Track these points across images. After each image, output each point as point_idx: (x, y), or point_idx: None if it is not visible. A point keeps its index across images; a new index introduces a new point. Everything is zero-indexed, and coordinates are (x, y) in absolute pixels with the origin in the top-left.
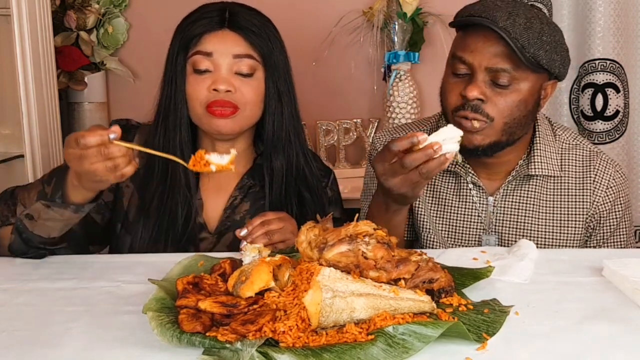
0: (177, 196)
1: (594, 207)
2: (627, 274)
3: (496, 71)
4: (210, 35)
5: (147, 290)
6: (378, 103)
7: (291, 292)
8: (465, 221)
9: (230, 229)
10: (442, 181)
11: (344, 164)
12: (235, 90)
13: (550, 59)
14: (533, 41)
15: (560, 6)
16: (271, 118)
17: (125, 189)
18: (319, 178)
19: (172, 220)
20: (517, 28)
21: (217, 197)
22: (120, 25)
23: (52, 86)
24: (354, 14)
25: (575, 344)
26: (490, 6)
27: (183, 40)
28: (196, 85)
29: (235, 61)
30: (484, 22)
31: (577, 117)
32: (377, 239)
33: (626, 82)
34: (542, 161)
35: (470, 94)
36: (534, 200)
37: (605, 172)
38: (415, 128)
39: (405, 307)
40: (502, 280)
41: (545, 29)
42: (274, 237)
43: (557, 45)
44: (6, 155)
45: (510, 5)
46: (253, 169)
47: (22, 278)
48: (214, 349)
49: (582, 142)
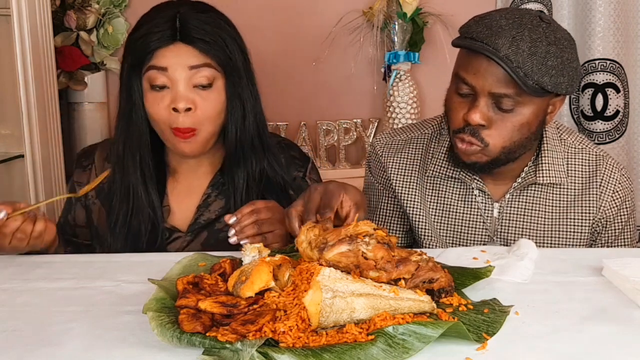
0: (140, 215)
1: (601, 211)
2: (627, 274)
3: (499, 96)
4: (163, 50)
5: (147, 290)
6: (378, 103)
7: (291, 292)
8: (470, 227)
9: (205, 227)
10: (447, 186)
11: (344, 164)
12: (195, 107)
13: (556, 83)
14: (537, 68)
15: (560, 6)
16: (233, 127)
17: (93, 206)
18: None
19: (137, 235)
20: (520, 55)
21: (190, 197)
22: (120, 25)
23: (52, 86)
24: (354, 14)
25: (575, 344)
26: (494, 29)
27: (135, 56)
28: (155, 104)
29: (192, 73)
30: (485, 52)
31: (577, 117)
32: (377, 239)
33: (626, 82)
34: (549, 169)
35: (472, 119)
36: (540, 207)
37: (611, 177)
38: (416, 130)
39: (405, 307)
40: (502, 280)
41: (552, 50)
42: (262, 227)
43: (565, 66)
44: (6, 155)
45: (514, 27)
46: (225, 166)
47: (22, 278)
48: (214, 349)
49: (588, 145)
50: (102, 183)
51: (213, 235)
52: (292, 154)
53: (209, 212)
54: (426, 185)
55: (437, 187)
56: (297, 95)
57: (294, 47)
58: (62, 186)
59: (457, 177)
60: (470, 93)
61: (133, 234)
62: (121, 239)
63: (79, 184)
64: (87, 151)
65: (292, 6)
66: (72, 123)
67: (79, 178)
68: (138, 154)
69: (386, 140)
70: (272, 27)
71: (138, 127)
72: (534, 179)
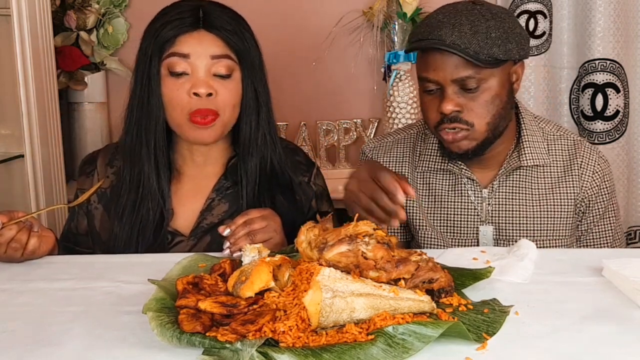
0: (149, 203)
1: (583, 191)
2: (627, 274)
3: (462, 80)
4: (186, 36)
5: (147, 290)
6: (378, 103)
7: (291, 292)
8: (462, 214)
9: (208, 231)
10: (437, 178)
11: (344, 164)
12: (216, 93)
13: (506, 50)
14: (483, 43)
15: (560, 6)
16: (248, 119)
17: (95, 211)
18: (296, 175)
19: (143, 228)
20: (465, 37)
21: (194, 201)
22: (120, 25)
23: (52, 86)
24: (354, 14)
25: (575, 344)
26: (434, 24)
27: (156, 43)
28: (175, 89)
29: (213, 62)
30: (433, 45)
31: (577, 117)
32: (377, 239)
33: (626, 82)
34: (531, 152)
35: (446, 109)
36: (525, 189)
37: (590, 159)
38: (402, 132)
39: (405, 307)
40: (502, 280)
41: (492, 24)
42: (256, 237)
43: (509, 34)
44: (6, 155)
45: (452, 16)
46: (229, 170)
47: (22, 278)
48: (214, 349)
49: (565, 132)
50: (100, 189)
51: (216, 240)
52: (297, 158)
53: (212, 216)
54: (417, 180)
55: (428, 181)
56: (297, 95)
57: (294, 47)
58: (62, 186)
59: (446, 168)
60: (436, 88)
61: (141, 222)
62: (127, 229)
63: (82, 190)
64: (90, 158)
65: (292, 6)
66: (72, 123)
67: (82, 185)
68: (153, 141)
69: (375, 144)
70: (272, 27)
71: (154, 113)
72: (518, 163)
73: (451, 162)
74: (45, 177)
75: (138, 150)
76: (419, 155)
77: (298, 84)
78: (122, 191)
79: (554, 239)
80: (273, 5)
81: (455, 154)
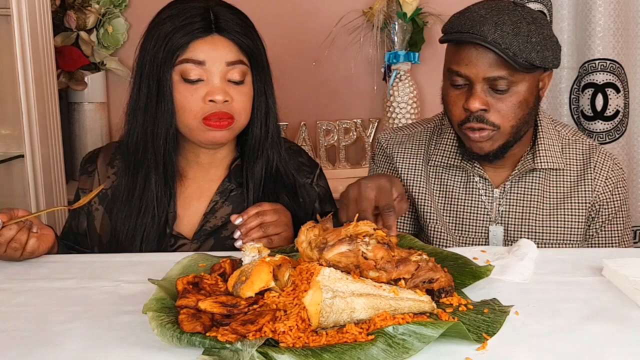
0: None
1: (594, 195)
2: (627, 274)
3: (494, 79)
4: (199, 42)
5: (147, 290)
6: (378, 103)
7: (291, 292)
8: (472, 213)
9: (211, 234)
10: (450, 174)
11: (344, 164)
12: (232, 99)
13: (543, 57)
14: (524, 46)
15: (560, 6)
16: (258, 122)
17: (96, 212)
18: (300, 176)
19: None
20: (506, 37)
21: (198, 203)
22: (120, 25)
23: (52, 86)
24: (354, 14)
25: (575, 344)
26: (476, 19)
27: (168, 48)
28: (189, 95)
29: (228, 69)
30: (473, 40)
31: (577, 117)
32: (377, 239)
33: (626, 82)
34: (546, 155)
35: (473, 107)
36: (538, 192)
37: (604, 164)
38: (419, 125)
39: (405, 307)
40: (502, 280)
41: (533, 29)
42: (268, 229)
43: (547, 41)
44: (6, 155)
45: (495, 14)
46: (233, 172)
47: (22, 278)
48: (214, 349)
49: (581, 137)
50: (103, 190)
51: (219, 243)
52: (300, 160)
53: (216, 219)
54: (430, 174)
55: (440, 176)
56: (297, 95)
57: (294, 47)
58: (62, 187)
59: (459, 165)
60: (465, 83)
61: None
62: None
63: (84, 190)
64: (90, 156)
65: (292, 6)
66: (72, 123)
67: (83, 185)
68: (162, 148)
69: (391, 135)
70: (272, 27)
71: (166, 120)
72: (532, 165)
73: (464, 159)
74: (45, 177)
75: (143, 154)
76: (433, 149)
77: (298, 84)
78: (126, 196)
79: (565, 244)
80: (273, 5)
81: (475, 155)
